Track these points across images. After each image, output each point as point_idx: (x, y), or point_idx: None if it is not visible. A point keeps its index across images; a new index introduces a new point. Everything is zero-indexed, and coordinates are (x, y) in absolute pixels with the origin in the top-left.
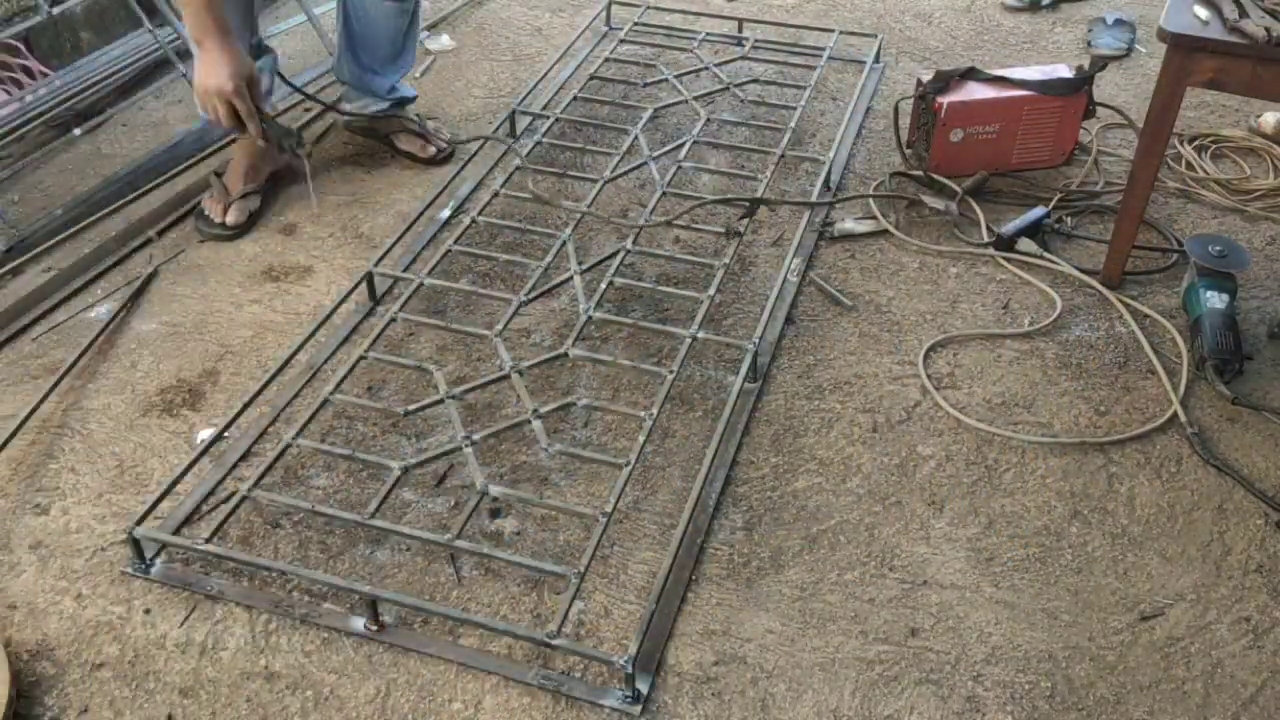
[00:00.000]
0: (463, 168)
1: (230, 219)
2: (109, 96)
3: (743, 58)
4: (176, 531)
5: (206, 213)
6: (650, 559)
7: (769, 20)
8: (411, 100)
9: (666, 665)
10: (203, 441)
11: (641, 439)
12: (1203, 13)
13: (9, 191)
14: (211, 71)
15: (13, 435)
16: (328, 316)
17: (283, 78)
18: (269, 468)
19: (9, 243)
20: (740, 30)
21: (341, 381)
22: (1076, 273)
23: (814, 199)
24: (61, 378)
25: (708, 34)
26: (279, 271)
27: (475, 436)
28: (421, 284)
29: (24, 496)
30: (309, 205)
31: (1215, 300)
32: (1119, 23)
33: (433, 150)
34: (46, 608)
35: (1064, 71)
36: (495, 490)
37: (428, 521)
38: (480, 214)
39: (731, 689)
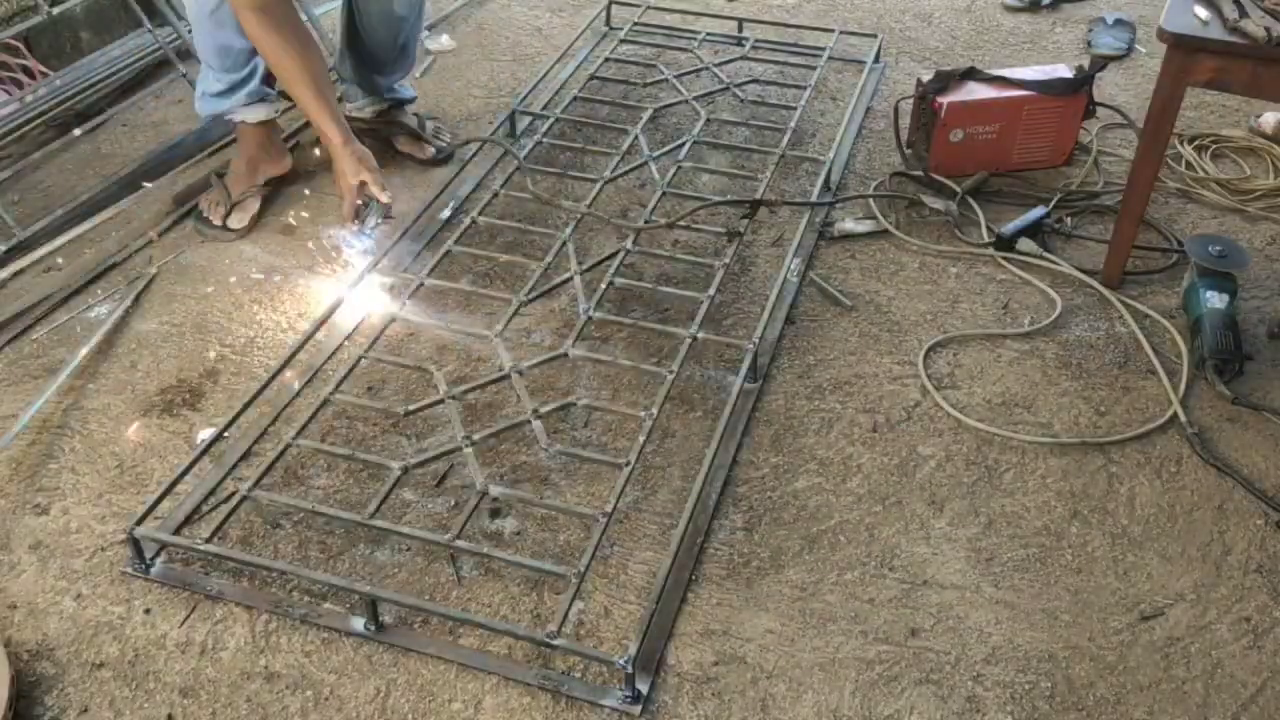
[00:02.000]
0: (463, 168)
1: (233, 223)
2: (109, 96)
3: (743, 58)
4: (176, 531)
5: (206, 214)
6: (650, 559)
7: (769, 20)
8: (410, 101)
9: (666, 665)
10: (203, 441)
11: (641, 439)
12: (1203, 13)
13: (9, 191)
14: (339, 170)
15: (13, 435)
16: (327, 316)
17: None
18: (269, 468)
19: (9, 243)
20: (740, 30)
21: (341, 381)
22: (1076, 273)
23: (814, 199)
24: (62, 378)
25: (708, 34)
26: (279, 272)
27: (475, 436)
28: (421, 284)
29: (24, 496)
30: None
31: (1215, 300)
32: (1119, 23)
33: (431, 151)
34: (46, 608)
35: (1064, 71)
36: (495, 490)
37: (428, 521)
38: (480, 214)
39: (731, 689)
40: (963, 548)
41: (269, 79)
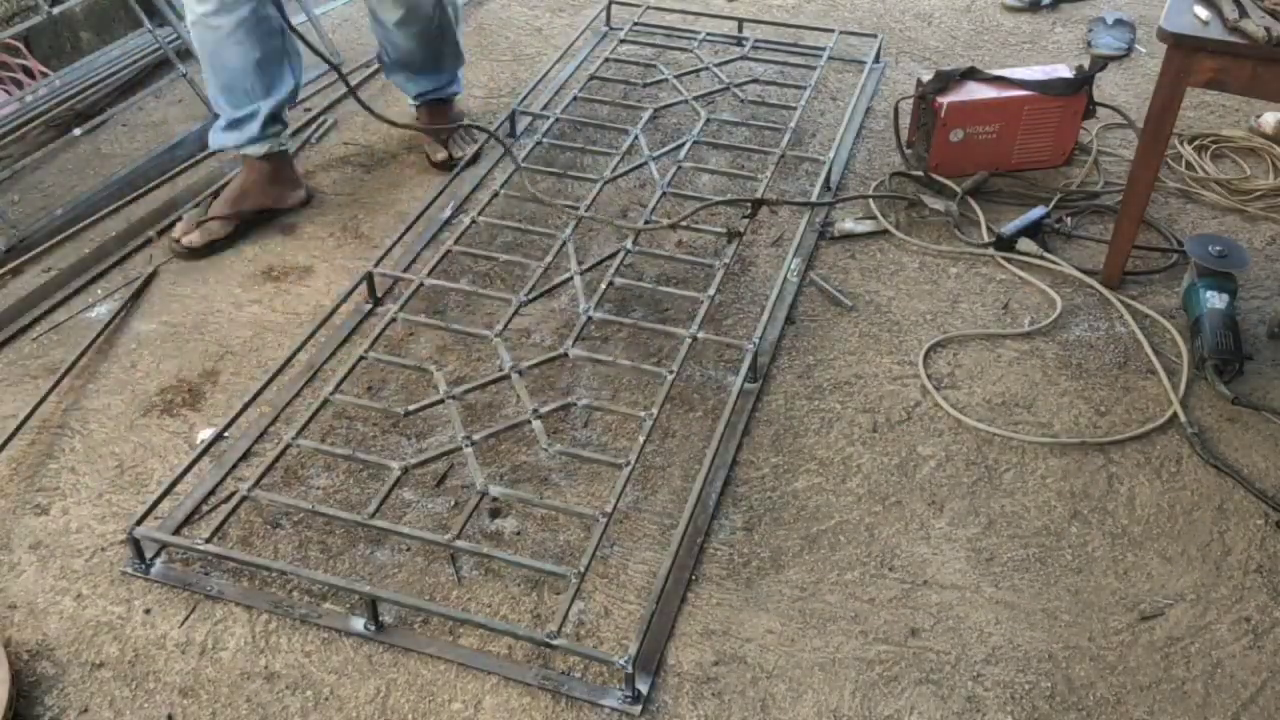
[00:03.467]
0: (463, 168)
1: (188, 239)
2: (109, 96)
3: (743, 58)
4: (176, 531)
5: (174, 230)
6: (650, 559)
7: (769, 20)
8: (448, 100)
9: (666, 665)
10: (203, 441)
11: (641, 439)
12: (1203, 13)
13: (9, 191)
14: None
15: (13, 435)
16: (328, 316)
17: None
18: (269, 468)
19: (9, 243)
20: (740, 30)
21: (341, 381)
22: (1076, 273)
23: (814, 199)
24: (61, 378)
25: (708, 34)
26: (279, 271)
27: (475, 436)
28: (421, 284)
29: (24, 496)
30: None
31: (1215, 300)
32: (1119, 23)
33: (442, 155)
34: (46, 608)
35: (1064, 71)
36: (495, 490)
37: (428, 521)
38: (480, 214)
39: (731, 689)
40: (963, 548)
41: (275, 116)
